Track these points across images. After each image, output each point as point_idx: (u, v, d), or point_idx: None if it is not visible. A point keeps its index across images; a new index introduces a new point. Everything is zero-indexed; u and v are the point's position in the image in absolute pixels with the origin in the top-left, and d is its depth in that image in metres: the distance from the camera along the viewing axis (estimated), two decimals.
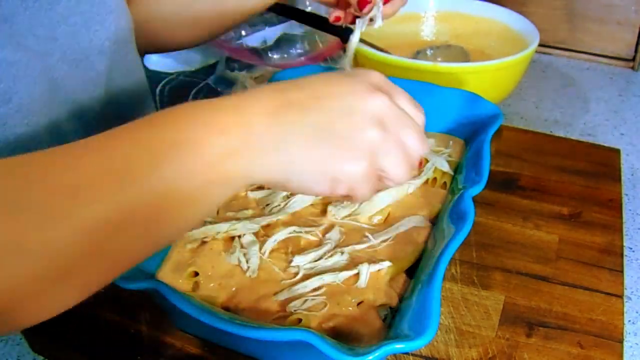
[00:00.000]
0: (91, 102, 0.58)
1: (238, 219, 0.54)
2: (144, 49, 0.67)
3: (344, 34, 0.80)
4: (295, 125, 0.36)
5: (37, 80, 0.50)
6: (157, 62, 1.00)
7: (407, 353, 0.49)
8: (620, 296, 0.54)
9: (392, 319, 0.47)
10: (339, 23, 0.68)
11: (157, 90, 0.94)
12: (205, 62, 1.01)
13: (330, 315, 0.45)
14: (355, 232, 0.54)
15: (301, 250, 0.51)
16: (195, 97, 0.93)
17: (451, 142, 0.65)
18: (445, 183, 0.59)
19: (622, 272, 0.57)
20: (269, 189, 0.59)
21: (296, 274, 0.49)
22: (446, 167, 0.61)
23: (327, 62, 0.97)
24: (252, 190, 0.59)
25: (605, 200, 0.65)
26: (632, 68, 1.02)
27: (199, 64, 1.00)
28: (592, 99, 0.93)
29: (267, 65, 0.95)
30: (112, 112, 0.60)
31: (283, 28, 0.97)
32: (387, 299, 0.47)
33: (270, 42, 0.96)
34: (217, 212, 0.56)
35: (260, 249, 0.51)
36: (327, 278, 0.48)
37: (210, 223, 0.53)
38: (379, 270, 0.49)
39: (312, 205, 0.57)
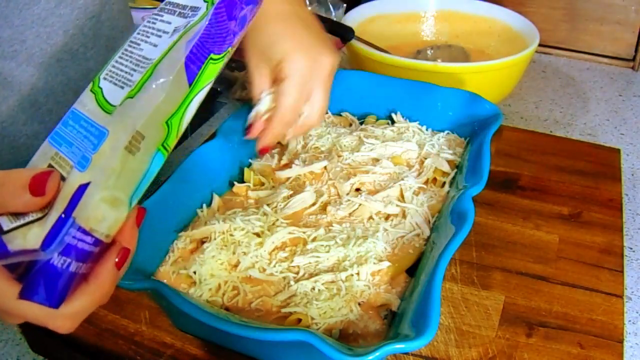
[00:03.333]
0: (57, 108, 0.56)
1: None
2: None
3: (344, 34, 0.80)
4: None
5: None
6: None
7: (407, 353, 0.49)
8: (620, 296, 0.54)
9: (392, 319, 0.47)
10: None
11: None
12: None
13: (330, 316, 0.45)
14: (355, 231, 0.53)
15: (301, 250, 0.51)
16: None
17: (452, 142, 0.65)
18: (445, 183, 0.59)
19: (622, 272, 0.57)
20: (271, 188, 0.59)
21: (296, 273, 0.49)
22: (446, 167, 0.61)
23: None
24: (252, 190, 0.59)
25: (605, 200, 0.65)
26: (632, 68, 1.02)
27: None
28: (592, 99, 0.93)
29: None
30: None
31: None
32: (387, 299, 0.47)
33: None
34: (217, 211, 0.56)
35: (260, 249, 0.51)
36: (327, 278, 0.48)
37: (211, 223, 0.53)
38: (379, 270, 0.49)
39: (312, 205, 0.57)
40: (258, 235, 0.52)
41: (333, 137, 0.66)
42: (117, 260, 0.35)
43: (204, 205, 0.57)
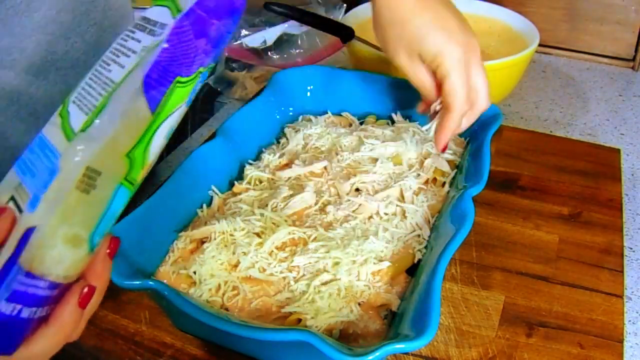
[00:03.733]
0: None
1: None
2: None
3: (344, 34, 0.80)
4: None
5: None
6: None
7: (407, 353, 0.49)
8: (620, 296, 0.54)
9: (392, 319, 0.47)
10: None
11: None
12: None
13: (330, 316, 0.45)
14: (355, 231, 0.54)
15: (301, 250, 0.51)
16: (195, 97, 0.92)
17: (452, 142, 0.65)
18: (445, 183, 0.59)
19: (622, 272, 0.57)
20: (271, 188, 0.59)
21: (296, 273, 0.49)
22: (446, 167, 0.61)
23: (327, 62, 0.97)
24: (252, 189, 0.59)
25: (605, 200, 0.65)
26: (632, 68, 1.02)
27: None
28: (592, 99, 0.93)
29: (267, 65, 0.95)
30: None
31: (283, 28, 0.97)
32: (387, 299, 0.47)
33: (270, 42, 0.96)
34: (217, 211, 0.56)
35: (260, 249, 0.51)
36: (327, 278, 0.48)
37: (211, 223, 0.53)
38: (379, 270, 0.49)
39: (312, 205, 0.57)
40: (258, 235, 0.52)
41: (333, 137, 0.66)
42: (80, 299, 0.33)
43: (204, 205, 0.57)
